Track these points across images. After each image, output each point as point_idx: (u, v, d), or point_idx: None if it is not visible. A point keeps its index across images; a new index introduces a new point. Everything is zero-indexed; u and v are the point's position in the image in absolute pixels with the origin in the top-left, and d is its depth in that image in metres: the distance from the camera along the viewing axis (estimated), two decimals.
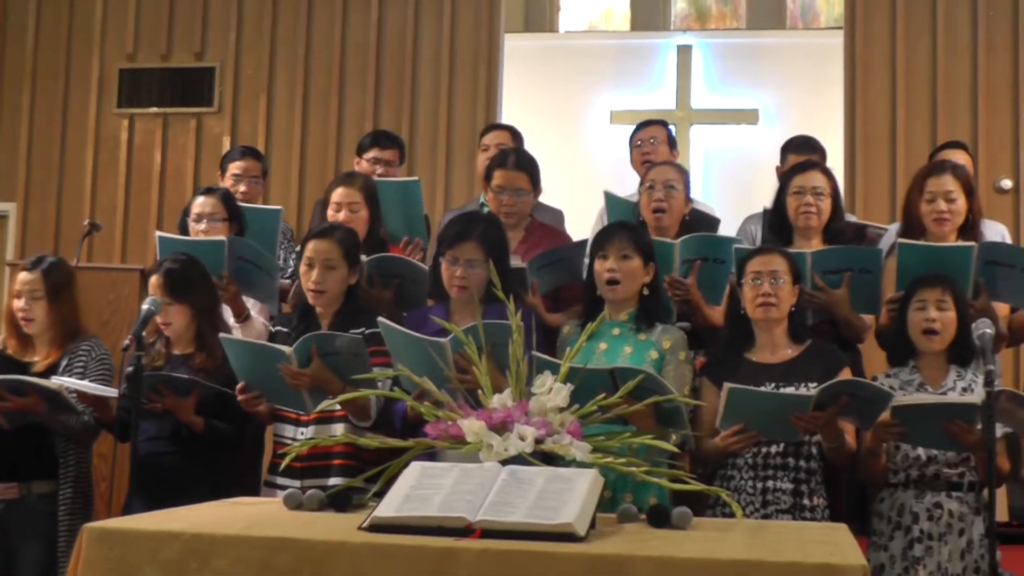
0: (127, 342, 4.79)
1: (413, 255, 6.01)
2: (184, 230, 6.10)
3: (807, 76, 11.11)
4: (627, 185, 6.92)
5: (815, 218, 5.58)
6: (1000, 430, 4.76)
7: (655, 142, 6.85)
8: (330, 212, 5.90)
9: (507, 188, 5.90)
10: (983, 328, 4.45)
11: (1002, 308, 5.46)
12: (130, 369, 4.75)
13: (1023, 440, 4.88)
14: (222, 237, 5.75)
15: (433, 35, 9.77)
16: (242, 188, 6.71)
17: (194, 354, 5.27)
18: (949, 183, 5.58)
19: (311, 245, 5.13)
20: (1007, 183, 8.97)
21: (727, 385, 4.57)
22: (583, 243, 5.51)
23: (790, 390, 4.68)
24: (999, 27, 9.20)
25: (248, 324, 5.81)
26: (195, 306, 5.33)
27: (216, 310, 5.48)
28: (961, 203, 5.56)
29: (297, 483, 4.70)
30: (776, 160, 6.91)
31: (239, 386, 4.94)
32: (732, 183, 10.59)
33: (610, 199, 6.25)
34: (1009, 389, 4.65)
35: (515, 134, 7.13)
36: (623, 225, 5.19)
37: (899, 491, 4.89)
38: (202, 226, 5.96)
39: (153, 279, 5.32)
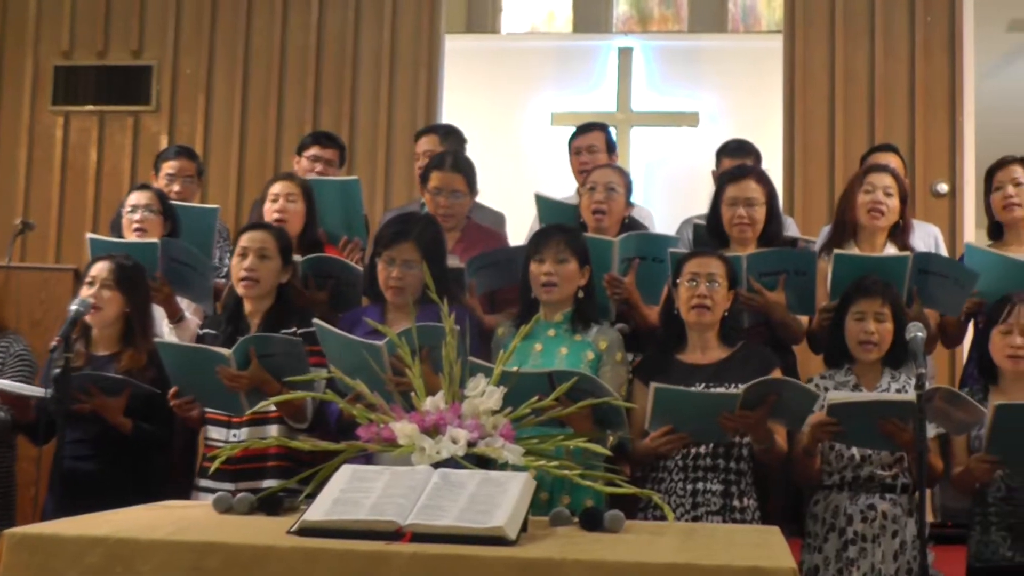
0: (55, 343, 4.72)
1: (352, 255, 6.00)
2: (118, 228, 6.07)
3: (748, 79, 11.13)
4: (568, 187, 6.92)
5: (749, 229, 5.59)
6: (934, 430, 4.80)
7: (594, 150, 6.81)
8: (267, 205, 5.89)
9: (444, 190, 5.91)
10: (914, 332, 4.47)
11: (932, 314, 5.51)
12: (58, 370, 4.69)
13: (955, 442, 4.90)
14: (155, 239, 5.71)
15: (373, 36, 9.73)
16: (176, 188, 6.66)
17: (119, 354, 5.23)
18: (888, 180, 5.66)
19: (246, 235, 5.13)
20: (943, 187, 9.03)
21: (653, 385, 4.58)
22: (523, 247, 5.50)
23: (720, 391, 4.68)
24: (936, 32, 9.26)
25: (182, 325, 5.77)
26: (131, 302, 5.31)
27: (148, 314, 5.44)
28: (896, 203, 5.64)
29: (230, 486, 4.66)
30: (713, 163, 6.92)
31: (171, 391, 4.90)
32: (672, 186, 10.60)
33: (541, 201, 6.26)
34: (944, 387, 4.68)
35: (446, 134, 7.10)
36: (560, 228, 5.18)
37: (833, 493, 4.90)
38: (136, 216, 5.95)
39: (101, 264, 5.28)
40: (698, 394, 4.64)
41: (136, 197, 6.03)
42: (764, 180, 5.72)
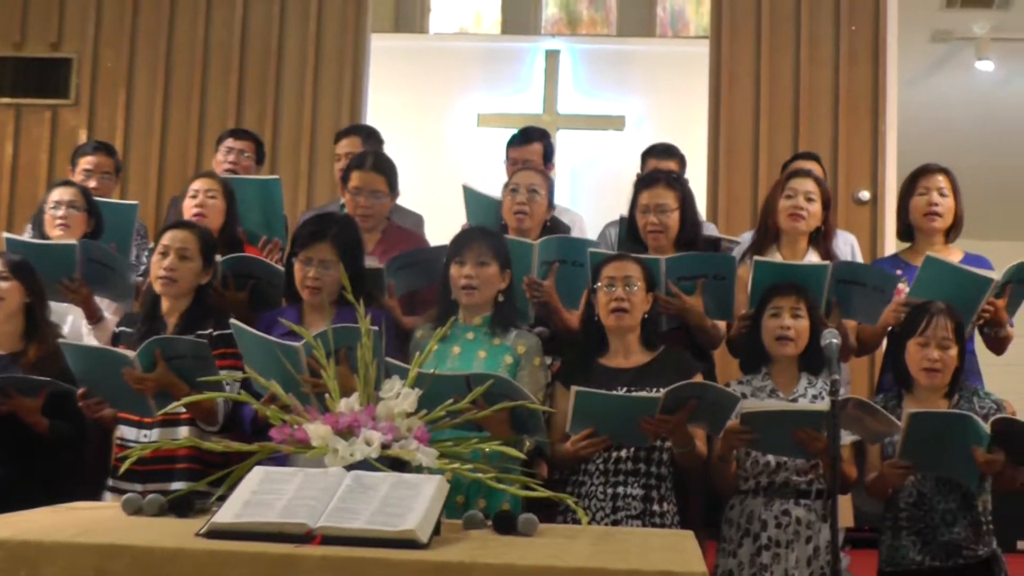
0: None
1: (271, 255, 5.97)
2: (39, 225, 6.02)
3: (674, 84, 11.19)
4: (493, 189, 6.90)
5: (662, 236, 5.63)
6: (848, 437, 4.86)
7: (530, 166, 6.68)
8: (187, 201, 5.86)
9: (364, 190, 5.88)
10: (830, 338, 4.50)
11: (850, 323, 5.56)
12: None
13: (869, 448, 4.95)
14: (72, 241, 5.66)
15: (298, 33, 9.68)
16: (93, 184, 6.59)
17: (25, 349, 5.18)
18: (810, 185, 5.72)
19: (169, 234, 5.09)
20: (865, 195, 9.11)
21: (574, 388, 4.59)
22: (443, 248, 5.50)
23: (640, 394, 4.69)
24: (861, 41, 9.34)
25: (101, 326, 5.73)
26: (31, 291, 5.26)
27: (46, 306, 5.38)
28: (817, 208, 5.69)
29: (140, 487, 4.63)
30: (639, 166, 6.93)
31: (79, 392, 4.85)
32: (598, 188, 10.62)
33: (469, 194, 6.26)
34: (857, 397, 4.72)
35: (367, 135, 7.08)
36: (481, 231, 5.20)
37: (749, 498, 4.94)
38: (60, 212, 5.90)
39: None
40: (619, 397, 4.65)
41: (59, 193, 5.97)
42: (676, 185, 5.75)
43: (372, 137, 7.10)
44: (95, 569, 3.06)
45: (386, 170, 5.99)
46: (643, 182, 5.82)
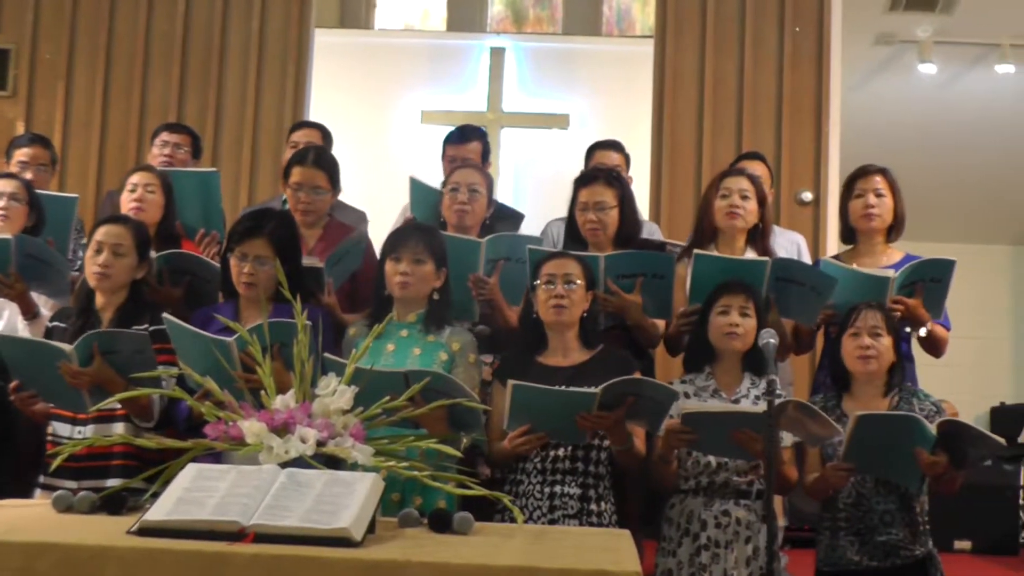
0: None
1: (209, 248, 5.95)
2: None
3: (619, 83, 11.21)
4: (436, 185, 6.88)
5: (601, 233, 5.64)
6: (789, 439, 4.88)
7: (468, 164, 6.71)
8: (124, 194, 5.81)
9: (304, 186, 5.87)
10: (767, 338, 4.51)
11: (787, 322, 5.56)
12: None
13: (809, 449, 4.96)
14: (8, 236, 5.58)
15: (242, 27, 9.61)
16: (28, 176, 6.52)
17: None
18: (744, 183, 5.72)
19: (103, 229, 5.03)
20: (807, 195, 9.15)
21: (511, 382, 4.58)
22: (364, 234, 5.49)
23: (577, 389, 4.68)
24: (804, 44, 9.38)
25: (37, 322, 5.65)
26: None
27: None
28: (753, 205, 5.69)
29: (73, 484, 4.55)
30: (583, 164, 6.93)
31: (12, 385, 4.80)
32: (542, 186, 10.64)
33: (415, 185, 6.26)
34: (797, 400, 4.75)
35: (325, 133, 7.10)
36: (418, 228, 5.18)
37: (689, 498, 4.95)
38: (1, 204, 5.83)
39: None
40: (556, 392, 4.64)
41: (2, 185, 5.92)
42: (616, 183, 5.76)
43: (328, 138, 7.13)
44: (19, 568, 3.03)
45: (327, 166, 5.98)
46: (582, 179, 5.83)
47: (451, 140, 6.95)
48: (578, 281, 4.92)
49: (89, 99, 9.55)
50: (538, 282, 4.94)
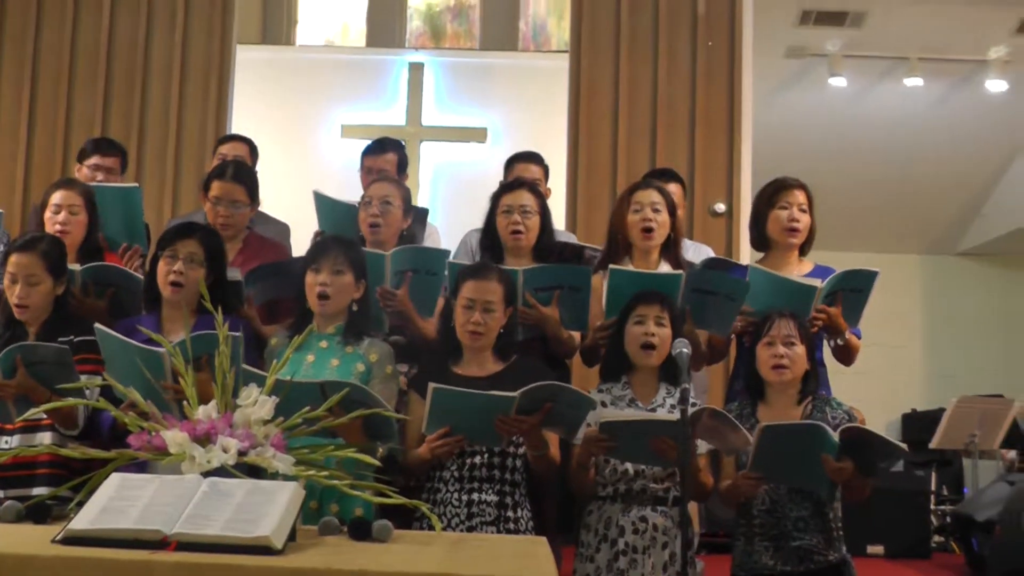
0: None
1: (131, 261, 5.93)
2: None
3: (536, 97, 11.23)
4: (355, 198, 6.89)
5: (523, 237, 5.70)
6: (705, 447, 4.91)
7: (384, 175, 6.68)
8: (48, 214, 5.75)
9: (223, 199, 5.89)
10: (680, 347, 4.56)
11: (702, 332, 5.60)
12: None
13: (724, 457, 5.01)
14: None
15: (165, 42, 9.57)
16: None
17: None
18: (655, 195, 5.74)
19: (13, 259, 5.00)
20: (721, 207, 9.21)
21: (432, 385, 4.60)
22: (300, 259, 5.49)
23: (496, 393, 4.68)
24: (717, 58, 9.45)
25: None
26: None
27: None
28: (665, 217, 5.71)
29: (0, 493, 4.57)
30: (502, 175, 6.96)
31: None
32: (460, 198, 10.61)
33: (320, 200, 6.27)
34: (712, 407, 4.77)
35: (252, 147, 7.11)
36: (338, 240, 5.19)
37: (607, 504, 4.98)
38: None
39: None
40: (475, 395, 4.64)
41: None
42: (538, 193, 5.86)
43: (254, 151, 7.16)
44: None
45: (246, 180, 5.99)
46: (505, 187, 5.92)
47: (368, 152, 7.01)
48: (498, 307, 4.95)
49: (14, 112, 9.48)
50: (457, 301, 4.97)
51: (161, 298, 5.06)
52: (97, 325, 4.66)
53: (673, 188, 6.29)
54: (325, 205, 6.25)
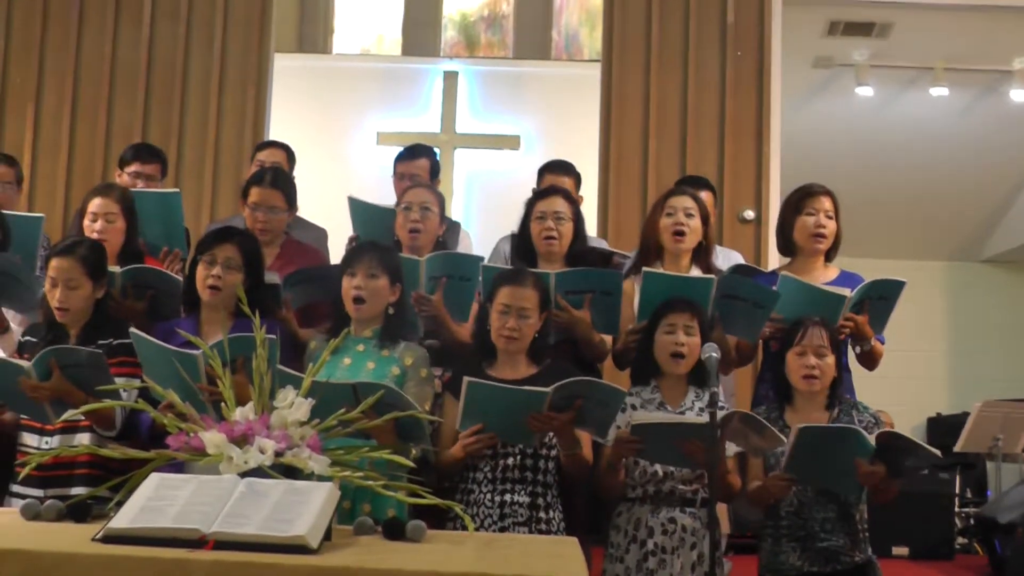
0: None
1: (172, 266, 5.92)
2: None
3: (568, 105, 11.26)
4: (390, 203, 6.90)
5: (556, 243, 5.68)
6: (733, 449, 4.90)
7: (417, 180, 6.71)
8: (86, 222, 5.75)
9: (262, 205, 5.90)
10: (709, 352, 4.55)
11: (731, 338, 5.59)
12: None
13: (751, 459, 4.99)
14: None
15: (203, 52, 9.58)
16: None
17: None
18: (688, 202, 5.74)
19: (54, 263, 5.01)
20: (750, 214, 9.19)
21: (467, 379, 4.60)
22: (338, 265, 5.49)
23: (529, 388, 4.66)
24: (745, 68, 9.43)
25: (6, 337, 5.64)
26: None
27: None
28: (697, 223, 5.71)
29: (40, 492, 4.59)
30: (535, 183, 6.96)
31: None
32: (493, 205, 10.64)
33: (355, 205, 6.28)
34: (743, 411, 4.77)
35: (289, 153, 7.12)
36: (374, 245, 5.18)
37: (636, 506, 4.97)
38: None
39: None
40: (509, 390, 4.62)
41: None
42: (571, 200, 5.85)
43: (292, 157, 7.17)
44: None
45: (284, 186, 6.01)
46: (540, 194, 5.92)
47: (401, 158, 7.01)
48: (533, 314, 4.92)
49: (57, 121, 9.52)
50: (493, 306, 4.95)
51: (200, 301, 5.06)
52: (132, 329, 4.67)
53: (705, 196, 6.26)
54: (360, 210, 6.26)
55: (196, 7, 9.66)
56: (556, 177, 6.79)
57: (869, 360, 5.63)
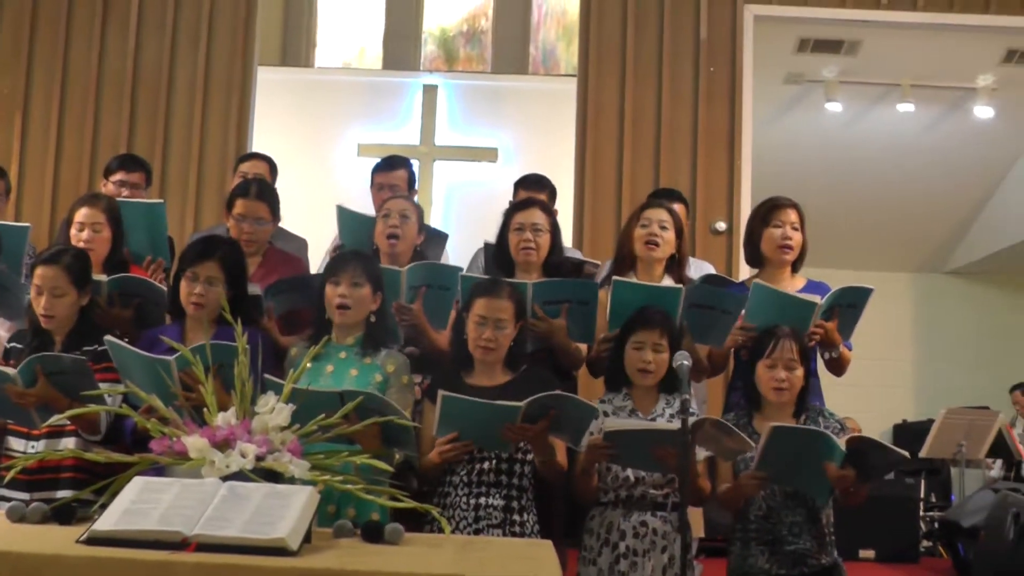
0: None
1: (155, 275, 5.91)
2: None
3: (545, 119, 11.30)
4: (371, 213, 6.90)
5: (534, 254, 5.69)
6: (703, 453, 4.91)
7: (396, 191, 6.70)
8: (73, 231, 5.74)
9: (248, 217, 5.90)
10: (681, 360, 4.55)
11: (702, 346, 5.60)
12: None
13: (721, 463, 5.00)
14: None
15: (188, 64, 9.60)
16: None
17: None
18: (663, 215, 5.77)
19: (39, 272, 5.00)
20: (721, 225, 9.23)
21: (442, 393, 4.59)
22: (318, 275, 5.49)
23: (503, 402, 4.65)
24: (718, 83, 9.50)
25: None
26: None
27: None
28: (671, 236, 5.73)
29: (26, 495, 4.56)
30: (511, 195, 6.97)
31: None
32: (471, 216, 10.65)
33: (343, 213, 6.28)
34: (713, 417, 4.77)
35: (271, 164, 7.12)
36: (356, 254, 5.18)
37: (608, 509, 4.97)
38: None
39: None
40: (483, 404, 4.61)
41: None
42: (549, 212, 5.87)
43: (274, 169, 7.17)
44: None
45: (268, 198, 6.01)
46: (518, 205, 5.92)
47: (379, 169, 7.01)
48: (508, 325, 4.91)
49: (45, 130, 9.51)
50: (469, 316, 4.94)
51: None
52: (108, 337, 4.67)
53: (677, 207, 6.27)
54: (347, 219, 6.26)
55: (181, 19, 9.68)
56: (530, 192, 6.78)
57: (837, 366, 5.64)
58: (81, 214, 5.74)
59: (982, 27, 9.83)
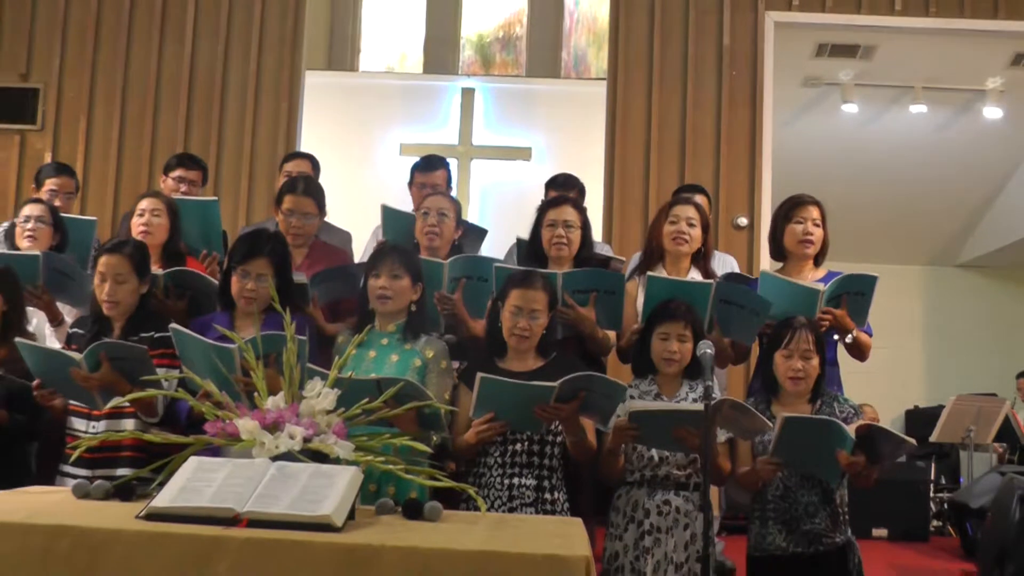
0: None
1: (210, 267, 5.96)
2: (11, 237, 6.13)
3: (576, 120, 11.29)
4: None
5: (566, 248, 5.70)
6: (723, 435, 4.91)
7: (436, 188, 6.71)
8: (135, 218, 5.86)
9: (296, 212, 5.94)
10: (704, 348, 4.55)
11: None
12: None
13: (741, 444, 5.00)
14: (37, 252, 5.73)
15: (240, 69, 9.67)
16: (57, 202, 6.60)
17: None
18: (691, 211, 5.79)
19: (103, 260, 5.02)
20: (743, 220, 9.24)
21: (479, 375, 4.60)
22: (361, 264, 5.52)
23: (536, 383, 4.66)
24: (740, 87, 9.53)
25: (61, 328, 5.71)
26: (8, 300, 5.28)
27: (22, 314, 5.37)
28: (698, 231, 5.75)
29: (88, 473, 4.62)
30: (543, 194, 6.97)
31: (35, 383, 4.82)
32: (505, 212, 10.62)
33: (387, 212, 6.29)
34: (731, 398, 4.76)
35: (314, 162, 7.15)
36: (396, 248, 5.18)
37: (634, 489, 4.96)
38: (29, 225, 6.02)
39: None
40: (518, 384, 4.62)
41: (29, 209, 6.12)
42: (580, 209, 5.86)
43: (316, 167, 7.20)
44: (41, 548, 3.09)
45: (315, 194, 6.05)
46: (551, 203, 5.91)
47: (419, 168, 7.01)
48: (542, 316, 4.90)
49: (107, 132, 9.61)
50: (504, 305, 4.93)
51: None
52: (172, 325, 4.68)
53: (700, 199, 6.30)
54: (390, 216, 6.27)
55: (234, 27, 9.75)
56: (561, 191, 6.79)
57: (858, 351, 5.62)
58: (143, 203, 5.90)
59: (991, 32, 9.79)
